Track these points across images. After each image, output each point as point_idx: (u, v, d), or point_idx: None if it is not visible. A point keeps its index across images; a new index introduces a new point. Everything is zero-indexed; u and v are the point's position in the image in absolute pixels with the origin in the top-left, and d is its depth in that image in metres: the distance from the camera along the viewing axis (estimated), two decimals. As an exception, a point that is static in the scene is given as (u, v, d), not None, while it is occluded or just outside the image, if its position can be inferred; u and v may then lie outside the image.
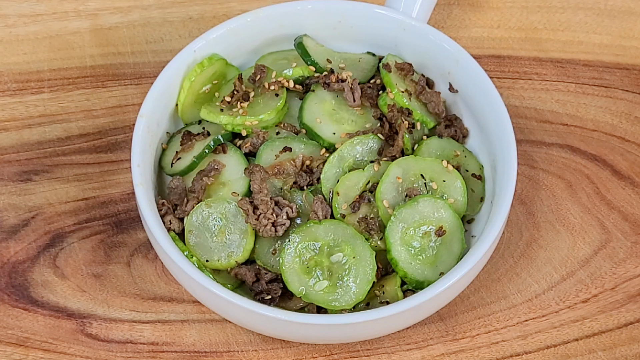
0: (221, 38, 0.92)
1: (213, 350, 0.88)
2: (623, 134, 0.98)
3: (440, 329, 0.89)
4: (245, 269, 0.86)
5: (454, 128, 0.92)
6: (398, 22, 0.93)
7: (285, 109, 0.91)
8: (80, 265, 0.91)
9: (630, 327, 0.89)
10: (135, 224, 0.93)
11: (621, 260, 0.92)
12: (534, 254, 0.92)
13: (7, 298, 0.89)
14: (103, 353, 0.87)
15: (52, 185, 0.94)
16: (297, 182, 0.88)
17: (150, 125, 0.88)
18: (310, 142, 0.89)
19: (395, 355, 0.88)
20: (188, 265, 0.82)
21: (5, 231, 0.92)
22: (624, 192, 0.95)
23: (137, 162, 0.85)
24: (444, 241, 0.86)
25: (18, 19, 1.02)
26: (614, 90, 1.00)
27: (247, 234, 0.86)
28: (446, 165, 0.88)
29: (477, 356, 0.88)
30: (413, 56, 0.94)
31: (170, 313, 0.89)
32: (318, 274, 0.84)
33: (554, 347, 0.88)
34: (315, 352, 0.88)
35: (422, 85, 0.92)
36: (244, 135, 0.90)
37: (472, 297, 0.90)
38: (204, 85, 0.92)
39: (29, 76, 0.99)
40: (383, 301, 0.85)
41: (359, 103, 0.91)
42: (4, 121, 0.97)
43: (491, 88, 0.89)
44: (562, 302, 0.90)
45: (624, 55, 1.02)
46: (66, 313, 0.89)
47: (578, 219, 0.94)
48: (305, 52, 0.92)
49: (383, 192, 0.86)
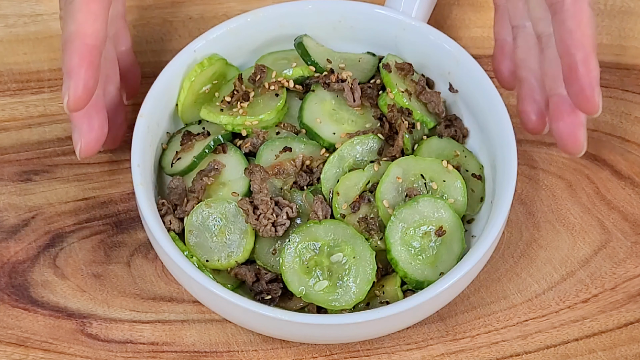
0: (221, 38, 0.92)
1: (213, 350, 0.88)
2: (623, 134, 0.98)
3: (440, 329, 0.89)
4: (245, 269, 0.86)
5: (454, 128, 0.92)
6: (398, 22, 0.93)
7: (285, 109, 0.91)
8: (80, 265, 0.91)
9: (630, 327, 0.89)
10: (135, 224, 0.93)
11: (621, 260, 0.92)
12: (534, 254, 0.92)
13: (7, 298, 0.89)
14: (103, 353, 0.87)
15: (52, 185, 0.94)
16: (297, 182, 0.88)
17: (150, 125, 0.88)
18: (310, 142, 0.89)
19: (395, 355, 0.88)
20: (188, 265, 0.82)
21: (5, 231, 0.92)
22: (624, 192, 0.95)
23: (137, 162, 0.86)
24: (444, 241, 0.86)
25: (18, 19, 1.02)
26: (614, 90, 1.00)
27: (247, 234, 0.86)
28: (446, 165, 0.88)
29: (477, 356, 0.88)
30: (413, 56, 0.94)
31: (170, 313, 0.89)
32: (318, 274, 0.84)
33: (554, 347, 0.88)
34: (315, 352, 0.88)
35: (422, 85, 0.92)
36: (244, 135, 0.90)
37: (472, 297, 0.90)
38: (204, 85, 0.92)
39: (29, 76, 0.99)
40: (383, 301, 0.85)
41: (359, 103, 0.91)
42: (4, 121, 0.97)
43: (491, 88, 0.89)
44: (562, 302, 0.90)
45: (624, 55, 1.02)
46: (66, 313, 0.89)
47: (578, 219, 0.94)
48: (305, 52, 0.92)
49: (383, 192, 0.86)
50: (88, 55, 0.82)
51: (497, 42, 0.93)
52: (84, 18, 0.83)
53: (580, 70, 0.81)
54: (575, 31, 0.82)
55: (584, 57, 0.82)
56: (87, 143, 0.86)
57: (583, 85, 0.81)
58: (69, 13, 0.83)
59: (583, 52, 0.82)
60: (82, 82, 0.82)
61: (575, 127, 0.85)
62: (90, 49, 0.82)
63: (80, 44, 0.82)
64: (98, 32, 0.83)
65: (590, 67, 0.81)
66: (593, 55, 0.82)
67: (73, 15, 0.83)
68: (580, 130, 0.85)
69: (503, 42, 0.92)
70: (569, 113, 0.85)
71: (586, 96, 0.82)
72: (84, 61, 0.82)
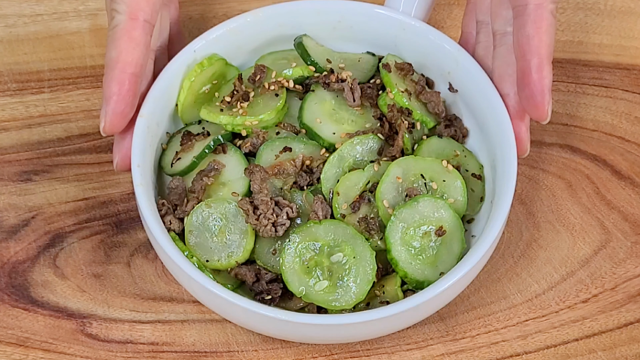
0: (221, 38, 0.92)
1: (213, 350, 0.88)
2: (623, 134, 0.98)
3: (440, 329, 0.89)
4: (245, 269, 0.86)
5: (454, 128, 0.92)
6: (398, 21, 0.93)
7: (285, 109, 0.91)
8: (80, 265, 0.91)
9: (630, 327, 0.89)
10: (135, 224, 0.93)
11: (621, 260, 0.92)
12: (534, 254, 0.92)
13: (7, 298, 0.89)
14: (103, 353, 0.87)
15: (52, 185, 0.94)
16: (297, 182, 0.88)
17: (150, 125, 0.88)
18: (310, 142, 0.89)
19: (395, 355, 0.88)
20: (188, 265, 0.82)
21: (5, 231, 0.92)
22: (624, 192, 0.95)
23: (137, 162, 0.86)
24: (444, 241, 0.86)
25: (18, 19, 1.02)
26: (614, 90, 1.00)
27: (247, 234, 0.86)
28: (446, 165, 0.88)
29: (477, 356, 0.88)
30: (413, 56, 0.94)
31: (170, 313, 0.89)
32: (318, 274, 0.84)
33: (554, 347, 0.88)
34: (315, 352, 0.88)
35: (422, 85, 0.92)
36: (244, 135, 0.90)
37: (472, 297, 0.90)
38: (203, 85, 0.92)
39: (29, 76, 0.99)
40: (383, 301, 0.85)
41: (359, 103, 0.91)
42: (4, 121, 0.97)
43: (491, 88, 0.89)
44: (562, 302, 0.90)
45: (624, 55, 1.02)
46: (66, 313, 0.89)
47: (578, 219, 0.94)
48: (305, 52, 0.92)
49: (383, 192, 0.86)
50: (127, 84, 0.84)
51: (463, 35, 0.94)
52: (126, 46, 0.85)
53: (533, 76, 0.83)
54: (533, 37, 0.84)
55: (538, 63, 0.83)
56: (122, 158, 0.87)
57: (534, 91, 0.83)
58: (112, 38, 0.85)
59: (538, 59, 0.83)
60: (119, 109, 0.85)
61: (518, 129, 0.87)
62: (129, 77, 0.85)
63: (120, 73, 0.84)
64: (138, 59, 0.85)
65: (543, 74, 0.83)
66: (548, 62, 0.84)
67: (115, 42, 0.85)
68: (525, 133, 0.88)
69: (468, 36, 0.93)
70: (513, 116, 0.87)
71: (536, 102, 0.83)
72: (122, 89, 0.84)
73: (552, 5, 0.84)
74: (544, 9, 0.84)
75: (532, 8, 0.84)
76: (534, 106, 0.84)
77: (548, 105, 0.84)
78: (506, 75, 0.87)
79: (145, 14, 0.85)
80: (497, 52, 0.88)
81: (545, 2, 0.84)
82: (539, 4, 0.84)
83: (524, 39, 0.84)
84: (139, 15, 0.85)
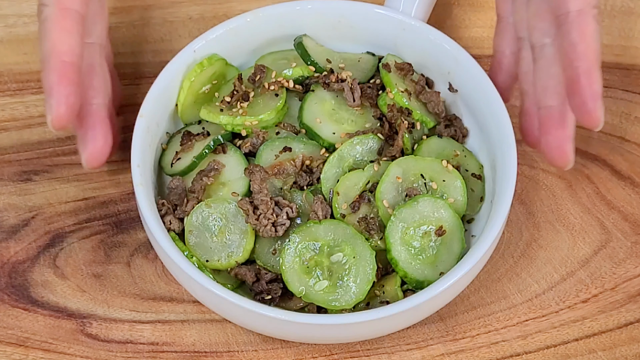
0: (221, 38, 0.92)
1: (213, 350, 0.88)
2: (623, 134, 0.98)
3: (440, 329, 0.89)
4: (245, 269, 0.86)
5: (454, 128, 0.92)
6: (398, 21, 0.93)
7: (285, 109, 0.91)
8: (80, 265, 0.91)
9: (630, 327, 0.89)
10: (135, 224, 0.93)
11: (621, 260, 0.92)
12: (534, 254, 0.92)
13: (7, 298, 0.89)
14: (103, 353, 0.87)
15: (52, 185, 0.94)
16: (297, 182, 0.88)
17: (150, 125, 0.88)
18: (310, 142, 0.89)
19: (395, 355, 0.88)
20: (188, 265, 0.82)
21: (5, 231, 0.92)
22: (624, 192, 0.95)
23: (137, 162, 0.86)
24: (444, 241, 0.86)
25: (18, 19, 1.02)
26: (614, 90, 1.00)
27: (247, 234, 0.86)
28: (446, 165, 0.88)
29: (477, 356, 0.88)
30: (413, 56, 0.94)
31: (170, 313, 0.89)
32: (318, 274, 0.84)
33: (554, 347, 0.88)
34: (315, 352, 0.88)
35: (422, 85, 0.92)
36: (243, 135, 0.90)
37: (472, 297, 0.90)
38: (203, 85, 0.92)
39: (29, 76, 0.99)
40: (383, 301, 0.85)
41: (359, 103, 0.91)
42: (4, 121, 0.97)
43: (491, 88, 0.89)
44: (562, 302, 0.90)
45: (624, 55, 1.02)
46: (66, 313, 0.89)
47: (578, 219, 0.94)
48: (305, 52, 0.92)
49: (383, 192, 0.86)
50: (66, 73, 0.82)
51: (496, 55, 0.92)
52: (58, 36, 0.83)
53: (582, 83, 0.80)
54: (579, 43, 0.81)
55: (587, 69, 0.81)
56: (90, 154, 0.86)
57: (585, 97, 0.80)
58: (43, 32, 0.83)
59: (586, 64, 0.81)
60: (63, 99, 0.82)
61: (562, 140, 0.84)
62: (67, 65, 0.82)
63: (57, 62, 0.82)
64: (73, 48, 0.83)
65: (592, 80, 0.81)
66: (596, 68, 0.81)
67: (47, 34, 0.83)
68: (567, 144, 0.84)
69: (501, 56, 0.91)
70: (557, 127, 0.84)
71: (588, 109, 0.81)
72: (62, 79, 0.82)
73: (594, 10, 0.82)
74: (586, 14, 0.82)
75: (574, 15, 0.82)
76: (586, 113, 0.81)
77: (600, 111, 0.80)
78: (549, 87, 0.85)
79: (74, 3, 0.84)
80: (537, 65, 0.86)
81: (586, 7, 0.82)
82: (580, 10, 0.82)
83: (569, 46, 0.81)
84: (67, 4, 0.83)
